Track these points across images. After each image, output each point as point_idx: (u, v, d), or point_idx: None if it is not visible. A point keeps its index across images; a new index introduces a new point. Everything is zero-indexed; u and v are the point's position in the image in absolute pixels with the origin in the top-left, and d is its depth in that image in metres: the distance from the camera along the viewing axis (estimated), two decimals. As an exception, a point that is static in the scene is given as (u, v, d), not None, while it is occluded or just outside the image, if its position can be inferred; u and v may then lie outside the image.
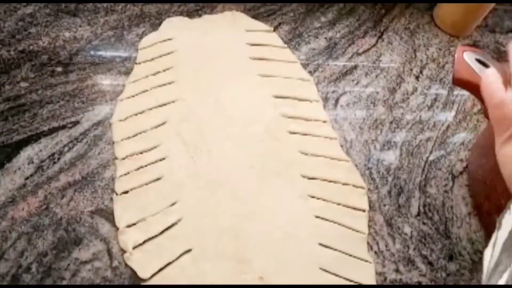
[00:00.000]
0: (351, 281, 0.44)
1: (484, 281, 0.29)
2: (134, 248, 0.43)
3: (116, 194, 0.45)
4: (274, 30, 0.63)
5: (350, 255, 0.45)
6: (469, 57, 0.43)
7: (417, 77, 0.62)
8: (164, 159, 0.49)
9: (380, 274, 0.45)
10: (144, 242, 0.43)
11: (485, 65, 0.43)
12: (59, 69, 0.54)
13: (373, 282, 0.44)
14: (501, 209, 0.46)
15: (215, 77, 0.57)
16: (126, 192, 0.46)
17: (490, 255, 0.29)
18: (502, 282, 0.27)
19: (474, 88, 0.42)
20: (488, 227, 0.49)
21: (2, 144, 0.47)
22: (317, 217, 0.47)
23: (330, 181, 0.50)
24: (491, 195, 0.47)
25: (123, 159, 0.48)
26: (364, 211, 0.48)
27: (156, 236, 0.44)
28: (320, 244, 0.46)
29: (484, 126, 0.58)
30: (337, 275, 0.44)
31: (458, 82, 0.42)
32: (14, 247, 0.42)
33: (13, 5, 0.58)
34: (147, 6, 0.62)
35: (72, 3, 0.60)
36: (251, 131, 0.53)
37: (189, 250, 0.43)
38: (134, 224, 0.44)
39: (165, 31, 0.60)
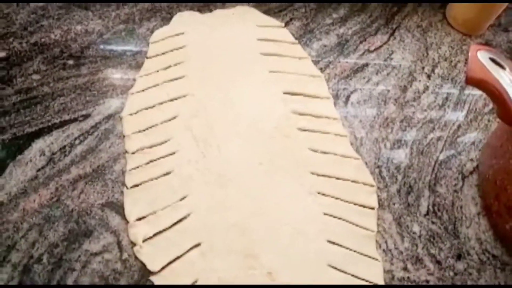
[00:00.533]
0: (359, 278, 0.44)
1: None
2: (144, 241, 0.43)
3: (127, 187, 0.46)
4: (285, 26, 0.63)
5: (359, 253, 0.45)
6: (483, 56, 0.43)
7: (428, 76, 0.62)
8: (174, 153, 0.49)
9: (388, 272, 0.45)
10: (154, 235, 0.43)
11: (499, 64, 0.43)
12: (71, 62, 0.54)
13: (381, 279, 0.44)
14: (511, 210, 0.46)
15: (226, 72, 0.57)
16: (136, 185, 0.46)
17: None
18: None
19: (487, 87, 0.42)
20: (497, 228, 0.49)
21: (14, 136, 0.48)
22: (325, 214, 0.47)
23: (340, 179, 0.50)
24: (501, 195, 0.47)
25: (134, 153, 0.48)
26: (373, 209, 0.48)
27: (165, 229, 0.44)
28: (329, 241, 0.46)
29: (495, 126, 0.57)
30: (345, 272, 0.44)
31: (472, 81, 0.42)
32: (25, 238, 0.42)
33: (26, -3, 0.59)
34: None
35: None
36: (260, 127, 0.53)
37: (198, 244, 0.44)
38: (144, 217, 0.44)
39: (176, 25, 0.60)
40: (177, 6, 0.62)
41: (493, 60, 0.43)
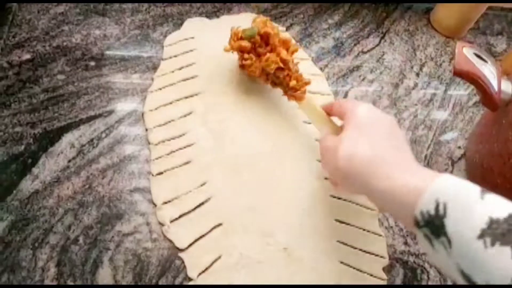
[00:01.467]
0: (365, 252, 0.49)
1: None
2: (171, 222, 0.47)
3: (152, 175, 0.50)
4: (286, 30, 0.69)
5: (364, 230, 0.51)
6: (468, 51, 0.49)
7: (417, 74, 0.68)
8: (192, 144, 0.53)
9: (390, 246, 0.50)
10: (180, 217, 0.48)
11: (482, 59, 0.49)
12: (92, 63, 0.58)
13: (385, 253, 0.49)
14: (497, 188, 0.51)
15: (234, 71, 0.61)
16: (160, 173, 0.50)
17: None
18: None
19: (473, 78, 0.48)
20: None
21: (44, 130, 0.51)
22: (332, 196, 0.52)
23: (343, 165, 0.55)
24: (488, 176, 0.53)
25: (156, 144, 0.52)
26: (374, 191, 0.54)
27: (189, 212, 0.48)
28: (336, 220, 0.51)
29: (478, 117, 0.63)
30: (353, 247, 0.49)
31: (459, 73, 0.48)
32: (61, 221, 0.46)
33: (45, 5, 0.63)
34: (169, 7, 0.67)
35: (100, 2, 0.64)
36: (269, 120, 0.57)
37: (219, 224, 0.48)
38: (169, 201, 0.49)
39: (187, 30, 0.65)
40: (186, 13, 0.67)
41: (477, 55, 0.49)
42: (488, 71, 0.48)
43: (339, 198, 0.52)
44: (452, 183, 0.32)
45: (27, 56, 0.57)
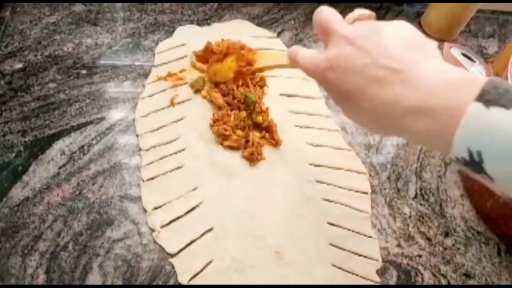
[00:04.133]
0: (358, 254, 0.48)
1: None
2: (162, 227, 0.47)
3: (143, 180, 0.50)
4: (277, 37, 0.69)
5: (356, 232, 0.50)
6: (456, 52, 0.49)
7: (409, 77, 0.68)
8: (184, 150, 0.53)
9: (384, 248, 0.50)
10: (170, 222, 0.47)
11: (470, 59, 0.49)
12: (84, 71, 0.58)
13: (378, 255, 0.49)
14: (491, 189, 0.51)
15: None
16: (151, 178, 0.50)
17: None
18: None
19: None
20: (479, 207, 0.54)
21: (35, 138, 0.51)
22: (324, 199, 0.52)
23: (335, 168, 0.55)
24: (480, 176, 0.52)
25: (147, 150, 0.52)
26: (366, 193, 0.53)
27: (180, 217, 0.48)
28: (328, 223, 0.50)
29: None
30: (345, 250, 0.49)
31: (447, 73, 0.48)
32: (51, 228, 0.46)
33: (38, 15, 0.63)
34: (161, 15, 0.67)
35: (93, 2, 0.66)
36: (261, 125, 0.57)
37: (211, 229, 0.48)
38: (160, 206, 0.48)
39: (178, 37, 0.65)
40: (178, 21, 0.67)
41: (465, 55, 0.49)
42: (476, 71, 0.49)
43: (331, 201, 0.52)
44: (483, 123, 0.28)
45: (19, 65, 0.57)
